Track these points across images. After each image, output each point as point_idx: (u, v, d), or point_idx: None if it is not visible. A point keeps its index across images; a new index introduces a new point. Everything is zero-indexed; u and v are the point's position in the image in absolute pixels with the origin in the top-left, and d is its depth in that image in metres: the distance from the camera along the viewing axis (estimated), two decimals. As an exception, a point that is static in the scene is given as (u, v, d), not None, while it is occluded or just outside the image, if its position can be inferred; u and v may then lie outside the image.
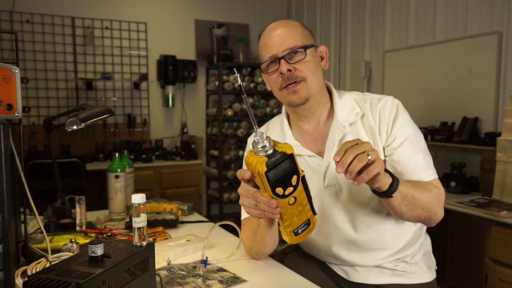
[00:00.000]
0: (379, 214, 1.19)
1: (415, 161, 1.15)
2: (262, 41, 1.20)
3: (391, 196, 1.01)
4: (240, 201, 0.94)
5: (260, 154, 0.83)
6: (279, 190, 0.84)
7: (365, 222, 1.20)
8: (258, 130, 0.84)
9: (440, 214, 1.14)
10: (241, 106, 4.46)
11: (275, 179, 0.83)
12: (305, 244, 1.33)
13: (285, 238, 0.91)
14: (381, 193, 1.01)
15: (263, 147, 0.83)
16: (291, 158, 0.84)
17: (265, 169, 0.81)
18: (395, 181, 0.99)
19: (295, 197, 0.87)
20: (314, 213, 0.92)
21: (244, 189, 0.92)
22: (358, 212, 1.19)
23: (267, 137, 0.83)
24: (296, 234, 0.90)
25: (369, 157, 0.90)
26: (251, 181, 0.89)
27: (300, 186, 0.87)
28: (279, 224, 0.93)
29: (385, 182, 0.97)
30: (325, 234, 1.23)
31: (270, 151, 0.83)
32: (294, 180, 0.85)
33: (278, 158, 0.83)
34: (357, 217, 1.20)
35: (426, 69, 3.28)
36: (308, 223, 0.92)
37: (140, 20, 4.43)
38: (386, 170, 1.00)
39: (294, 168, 0.85)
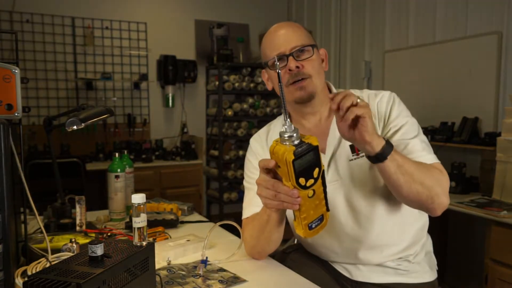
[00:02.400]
0: (382, 210, 1.20)
1: (411, 145, 1.14)
2: (266, 40, 1.23)
3: (386, 158, 0.99)
4: (258, 192, 0.94)
5: (287, 143, 0.84)
6: (301, 181, 0.85)
7: (368, 217, 1.20)
8: (288, 120, 0.85)
9: (443, 199, 1.09)
10: (241, 106, 4.46)
11: (300, 169, 0.84)
12: (308, 241, 1.33)
13: (299, 231, 0.91)
14: (375, 157, 1.00)
15: (290, 136, 0.84)
16: (316, 150, 0.85)
17: (293, 157, 0.82)
18: (388, 144, 0.99)
19: (314, 190, 0.88)
20: (328, 209, 0.93)
21: (263, 179, 0.91)
22: (361, 207, 1.20)
23: (295, 128, 0.85)
24: (310, 228, 0.91)
25: (358, 100, 0.95)
26: (270, 172, 0.90)
27: (320, 179, 0.88)
28: (293, 219, 0.93)
29: (377, 142, 0.98)
30: (328, 229, 1.23)
31: (297, 141, 0.84)
32: (316, 172, 0.86)
33: (305, 148, 0.84)
34: (360, 212, 1.20)
35: (426, 69, 3.28)
36: (321, 219, 0.92)
37: (140, 20, 4.43)
38: (383, 138, 1.01)
39: (317, 160, 0.86)
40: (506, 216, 2.10)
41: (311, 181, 0.86)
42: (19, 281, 1.00)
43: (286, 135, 0.84)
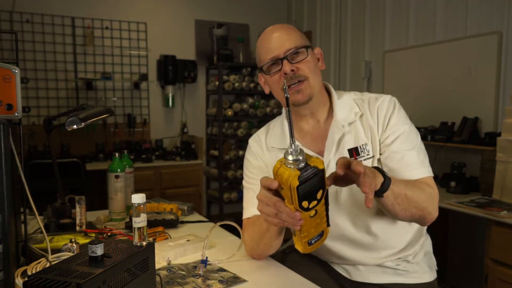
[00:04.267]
0: (380, 213, 1.20)
1: (408, 158, 1.15)
2: (260, 45, 1.22)
3: (382, 196, 1.00)
4: (259, 208, 0.92)
5: (292, 167, 0.81)
6: (304, 204, 0.83)
7: (365, 221, 1.20)
8: (294, 143, 0.82)
9: (434, 214, 1.13)
10: (241, 106, 4.46)
11: (304, 192, 0.82)
12: None
13: (299, 248, 0.91)
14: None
15: (296, 160, 0.81)
16: (321, 173, 0.83)
17: (297, 183, 0.80)
18: (386, 181, 0.98)
19: (316, 210, 0.86)
20: (328, 224, 0.92)
21: (264, 196, 0.89)
22: (359, 211, 1.20)
23: (301, 150, 0.82)
24: (309, 244, 0.90)
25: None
26: (271, 190, 0.88)
27: (323, 200, 0.87)
28: (293, 234, 0.93)
29: (376, 182, 0.97)
30: None
31: (302, 165, 0.81)
32: (319, 194, 0.85)
33: (310, 172, 0.81)
34: (357, 216, 1.20)
35: (426, 69, 3.28)
36: (321, 235, 0.92)
37: (140, 20, 4.43)
38: (379, 169, 1.00)
39: (322, 183, 0.84)
40: (506, 216, 2.10)
41: (314, 202, 0.84)
42: (19, 281, 1.00)
43: (291, 159, 0.81)
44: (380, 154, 1.18)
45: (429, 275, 1.28)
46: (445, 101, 3.13)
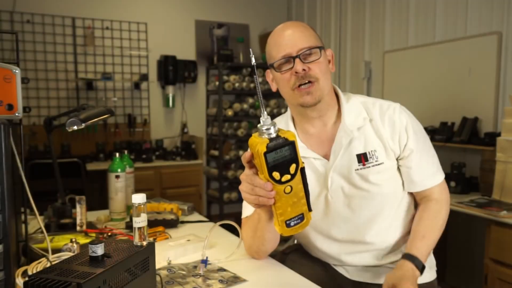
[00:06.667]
0: (382, 217, 1.20)
1: (425, 168, 1.21)
2: (273, 41, 1.19)
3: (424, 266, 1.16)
4: (240, 186, 0.95)
5: (264, 136, 0.84)
6: (275, 175, 0.85)
7: (368, 224, 1.20)
8: (265, 112, 0.85)
9: (447, 212, 1.32)
10: (241, 106, 4.46)
11: (273, 162, 0.84)
12: (307, 244, 1.33)
13: (276, 227, 0.91)
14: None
15: (267, 129, 0.84)
16: (292, 145, 0.85)
17: (265, 150, 0.83)
18: (422, 268, 1.15)
19: (291, 187, 0.87)
20: (310, 209, 0.91)
21: (244, 173, 0.93)
22: (362, 214, 1.20)
23: (273, 122, 0.85)
24: (288, 225, 0.90)
25: None
26: (254, 167, 0.90)
27: (298, 177, 0.87)
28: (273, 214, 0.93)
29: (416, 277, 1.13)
30: (328, 235, 1.24)
31: (274, 135, 0.84)
32: (292, 168, 0.86)
33: (280, 142, 0.84)
34: (360, 219, 1.20)
35: (426, 69, 3.28)
36: (302, 218, 0.91)
37: (140, 20, 4.43)
38: (408, 256, 1.15)
39: (294, 156, 0.85)
40: (506, 216, 2.10)
41: (287, 176, 0.85)
42: (19, 281, 1.00)
43: (263, 128, 0.85)
44: (400, 165, 1.21)
45: (429, 275, 1.28)
46: (445, 101, 3.13)
